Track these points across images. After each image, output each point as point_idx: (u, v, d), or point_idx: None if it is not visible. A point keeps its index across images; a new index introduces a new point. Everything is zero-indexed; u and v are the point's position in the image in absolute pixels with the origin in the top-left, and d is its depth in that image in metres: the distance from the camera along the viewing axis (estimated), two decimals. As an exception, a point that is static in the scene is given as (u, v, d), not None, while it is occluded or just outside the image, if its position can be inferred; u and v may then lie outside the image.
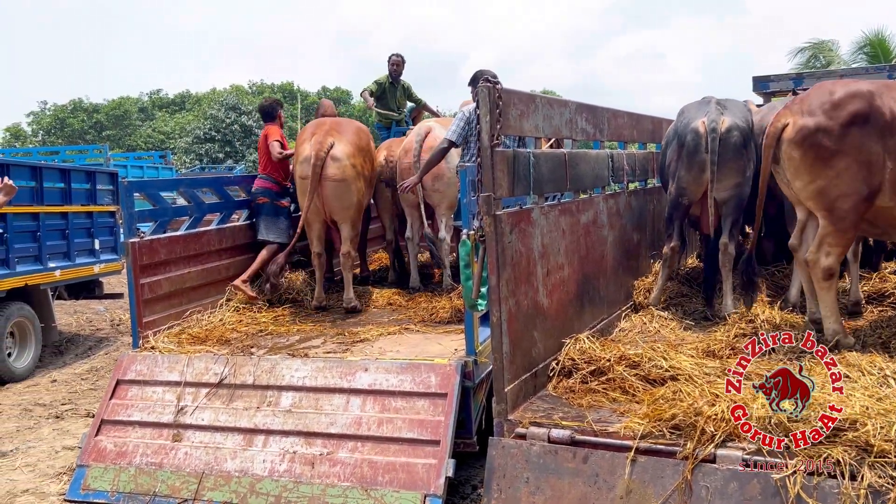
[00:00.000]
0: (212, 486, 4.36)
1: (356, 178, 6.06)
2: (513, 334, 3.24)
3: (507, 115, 3.20)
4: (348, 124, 6.43)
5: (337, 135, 6.03)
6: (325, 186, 5.90)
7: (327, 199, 5.96)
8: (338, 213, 6.09)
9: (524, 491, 2.97)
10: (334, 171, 5.94)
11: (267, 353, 5.05)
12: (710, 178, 4.78)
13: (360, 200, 6.18)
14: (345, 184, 5.97)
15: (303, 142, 6.02)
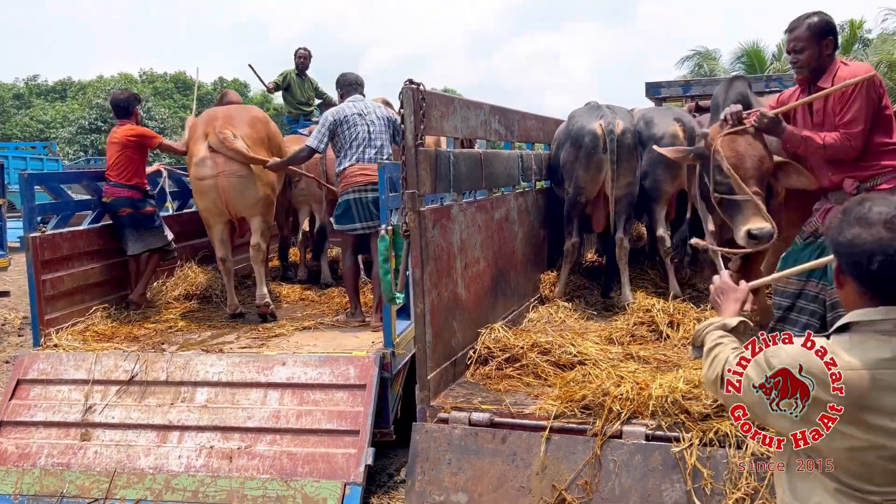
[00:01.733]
0: (124, 485, 4.28)
1: (258, 174, 5.60)
2: (435, 325, 3.41)
3: (429, 116, 3.36)
4: (242, 113, 5.92)
5: (232, 128, 5.53)
6: (227, 184, 5.45)
7: (230, 197, 5.49)
8: (244, 210, 5.64)
9: (447, 472, 3.15)
10: (234, 168, 5.47)
11: (179, 349, 4.99)
12: (609, 177, 5.13)
13: (268, 194, 5.71)
14: (248, 179, 5.52)
15: (196, 140, 5.54)
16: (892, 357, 1.60)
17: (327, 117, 5.32)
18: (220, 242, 5.69)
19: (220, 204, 5.50)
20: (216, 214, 5.63)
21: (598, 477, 2.96)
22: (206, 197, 5.53)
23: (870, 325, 1.65)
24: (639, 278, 5.64)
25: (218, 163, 5.42)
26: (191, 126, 5.85)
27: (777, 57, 25.88)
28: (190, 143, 5.65)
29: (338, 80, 5.62)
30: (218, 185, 5.42)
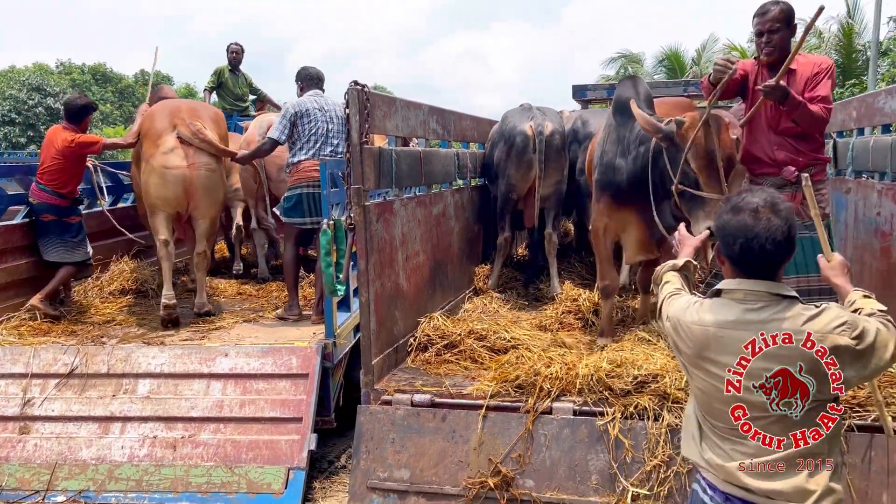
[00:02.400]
0: (66, 476, 4.30)
1: (223, 173, 5.64)
2: (378, 313, 3.60)
3: (373, 115, 3.56)
4: (204, 108, 5.89)
5: (200, 120, 5.48)
6: (196, 177, 5.34)
7: (196, 191, 5.37)
8: (203, 208, 5.49)
9: (390, 450, 3.35)
10: (205, 161, 5.40)
11: (120, 342, 5.02)
12: (538, 176, 5.44)
13: (224, 197, 5.76)
14: (216, 174, 5.50)
15: (162, 130, 5.38)
16: (734, 320, 1.94)
17: (288, 109, 5.34)
18: (165, 227, 5.45)
19: (182, 197, 5.36)
20: (170, 205, 5.42)
21: (531, 450, 3.23)
22: (170, 187, 5.33)
23: (729, 293, 2.00)
24: (566, 271, 5.98)
25: (188, 154, 5.33)
26: (148, 115, 5.64)
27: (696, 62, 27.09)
28: (150, 133, 5.42)
29: (298, 74, 5.63)
30: (187, 176, 5.31)
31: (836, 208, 5.20)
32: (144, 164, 5.41)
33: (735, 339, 1.92)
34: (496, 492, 3.16)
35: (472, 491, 3.18)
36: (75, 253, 5.68)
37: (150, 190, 5.41)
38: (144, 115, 5.75)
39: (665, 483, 3.08)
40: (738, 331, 1.93)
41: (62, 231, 5.60)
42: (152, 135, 5.44)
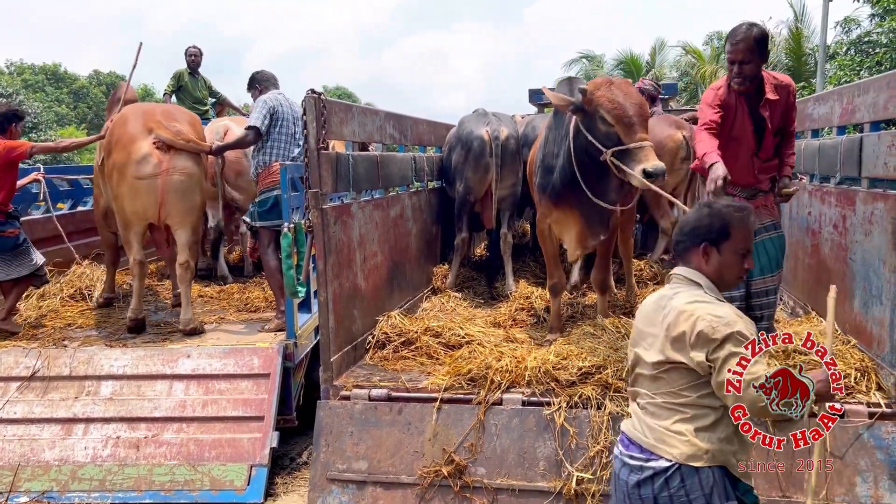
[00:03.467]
0: (29, 477, 4.36)
1: (202, 177, 5.34)
2: (337, 312, 3.75)
3: (330, 122, 3.71)
4: (180, 112, 5.61)
5: (177, 122, 5.27)
6: (169, 183, 5.06)
7: (170, 198, 5.09)
8: (177, 216, 5.20)
9: (349, 443, 3.50)
10: (181, 166, 5.13)
11: (81, 344, 5.07)
12: (494, 179, 5.64)
13: (202, 202, 5.40)
14: (193, 180, 5.20)
15: (135, 136, 5.11)
16: (658, 297, 2.28)
17: (266, 102, 5.23)
18: (138, 244, 5.25)
19: (154, 207, 5.09)
20: (142, 218, 5.20)
21: (483, 439, 3.41)
22: (141, 198, 5.09)
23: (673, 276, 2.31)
24: (521, 270, 6.18)
25: (163, 160, 5.06)
26: (118, 120, 5.35)
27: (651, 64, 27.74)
28: (122, 139, 5.16)
29: (253, 78, 5.59)
30: (159, 184, 5.05)
31: (772, 208, 5.50)
32: (117, 174, 5.13)
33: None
34: (450, 479, 3.33)
35: (426, 479, 3.35)
36: (21, 267, 5.46)
37: (124, 205, 5.18)
38: (115, 121, 5.45)
39: (607, 467, 3.28)
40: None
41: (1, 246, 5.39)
42: (124, 140, 5.15)
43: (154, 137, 5.11)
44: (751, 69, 3.62)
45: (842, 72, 18.33)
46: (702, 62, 26.32)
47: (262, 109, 5.20)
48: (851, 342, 3.65)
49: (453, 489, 3.32)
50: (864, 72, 17.18)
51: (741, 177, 3.80)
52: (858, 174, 3.69)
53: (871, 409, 3.17)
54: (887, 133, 3.34)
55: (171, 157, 5.12)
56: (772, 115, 3.73)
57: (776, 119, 3.76)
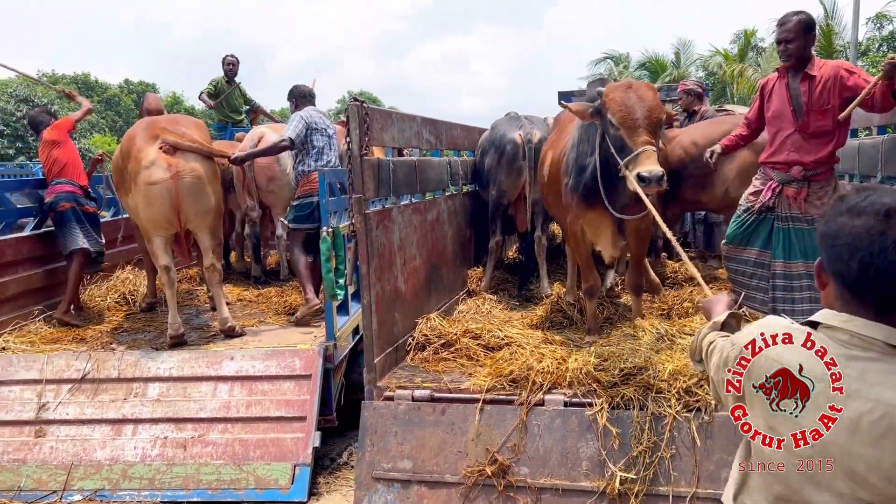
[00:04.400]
0: (81, 476, 4.51)
1: (213, 178, 5.42)
2: (380, 314, 3.83)
3: (372, 129, 3.79)
4: (186, 121, 5.76)
5: (182, 127, 5.43)
6: (182, 186, 5.17)
7: (185, 202, 5.19)
8: (197, 218, 5.31)
9: (393, 442, 3.58)
10: (190, 168, 5.21)
11: (128, 348, 5.22)
12: (527, 182, 5.69)
13: (219, 202, 5.50)
14: (201, 182, 5.27)
15: (142, 145, 5.22)
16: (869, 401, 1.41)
17: (302, 117, 5.68)
18: (164, 251, 5.31)
19: (171, 212, 5.17)
20: (163, 224, 5.27)
21: (525, 439, 3.46)
22: (156, 204, 5.16)
23: (829, 329, 1.49)
24: (555, 272, 6.22)
25: (172, 163, 5.15)
26: (126, 136, 5.52)
27: (676, 65, 27.54)
28: (132, 151, 5.28)
29: (291, 92, 5.98)
30: (172, 188, 5.13)
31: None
32: (132, 184, 5.24)
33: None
34: (493, 479, 3.39)
35: (470, 479, 3.41)
36: (98, 241, 6.00)
37: (140, 213, 5.27)
38: (124, 138, 5.63)
39: (651, 467, 3.32)
40: None
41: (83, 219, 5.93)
42: (133, 151, 5.28)
43: (160, 142, 5.22)
44: (795, 48, 4.16)
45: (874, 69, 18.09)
46: (729, 61, 26.10)
47: (298, 124, 5.61)
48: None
49: (497, 488, 3.38)
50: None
51: (780, 155, 4.22)
52: (901, 174, 3.69)
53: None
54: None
55: (180, 160, 5.21)
56: (810, 90, 4.11)
57: (818, 95, 4.09)
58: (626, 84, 3.99)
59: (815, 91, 4.12)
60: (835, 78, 4.09)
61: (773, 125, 4.35)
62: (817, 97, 4.12)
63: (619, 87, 3.95)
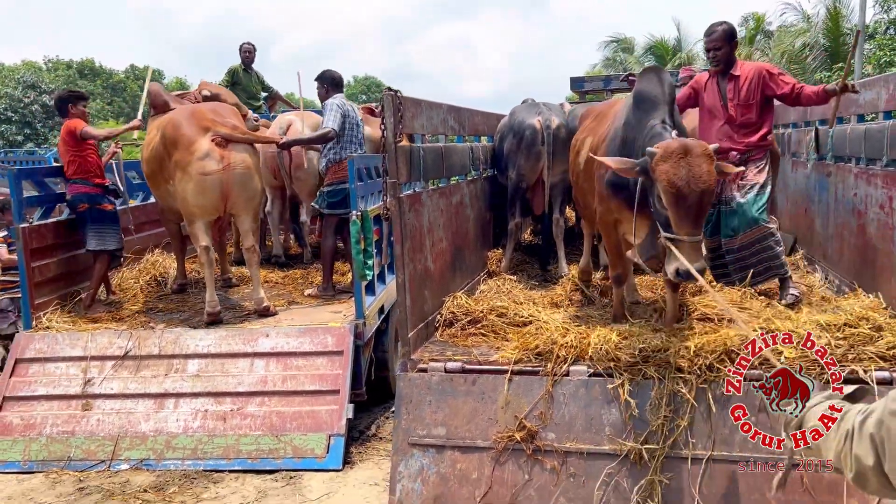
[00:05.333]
0: (128, 447, 4.78)
1: (258, 167, 5.76)
2: (412, 292, 4.06)
3: (405, 117, 4.01)
4: (226, 110, 5.96)
5: (228, 118, 5.71)
6: (233, 178, 5.43)
7: (234, 191, 5.46)
8: (243, 205, 5.60)
9: (428, 411, 3.82)
10: (240, 159, 5.49)
11: (167, 326, 5.47)
12: (546, 166, 5.91)
13: (263, 190, 5.86)
14: (250, 173, 5.57)
15: (193, 135, 5.42)
16: None
17: (338, 106, 5.95)
18: (205, 233, 5.56)
19: (220, 200, 5.45)
20: (210, 211, 5.55)
21: (552, 407, 3.70)
22: (207, 194, 5.41)
23: None
24: (572, 253, 6.44)
25: (224, 156, 5.40)
26: (169, 124, 5.63)
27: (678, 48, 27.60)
28: (180, 141, 5.45)
29: (323, 76, 6.22)
30: (223, 179, 5.39)
31: (817, 191, 5.69)
32: (180, 173, 5.43)
33: None
34: (522, 444, 3.63)
35: (501, 444, 3.65)
36: (111, 240, 5.98)
37: (189, 199, 5.46)
38: (166, 124, 5.69)
39: (670, 434, 3.55)
40: None
41: (100, 219, 5.93)
42: (183, 142, 5.44)
43: (212, 135, 5.43)
44: (723, 54, 4.83)
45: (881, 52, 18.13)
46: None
47: (336, 113, 5.86)
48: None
49: (526, 452, 3.62)
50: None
51: (711, 138, 4.64)
52: (905, 157, 3.89)
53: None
54: (933, 119, 3.55)
55: (231, 152, 5.47)
56: (735, 88, 4.80)
57: (743, 93, 4.78)
58: (679, 151, 3.44)
59: (740, 89, 4.80)
60: (758, 78, 4.79)
61: (708, 118, 4.97)
62: (743, 94, 4.80)
63: (673, 155, 3.44)
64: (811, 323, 3.91)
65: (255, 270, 5.81)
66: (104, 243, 5.93)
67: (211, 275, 5.64)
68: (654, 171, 3.51)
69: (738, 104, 4.82)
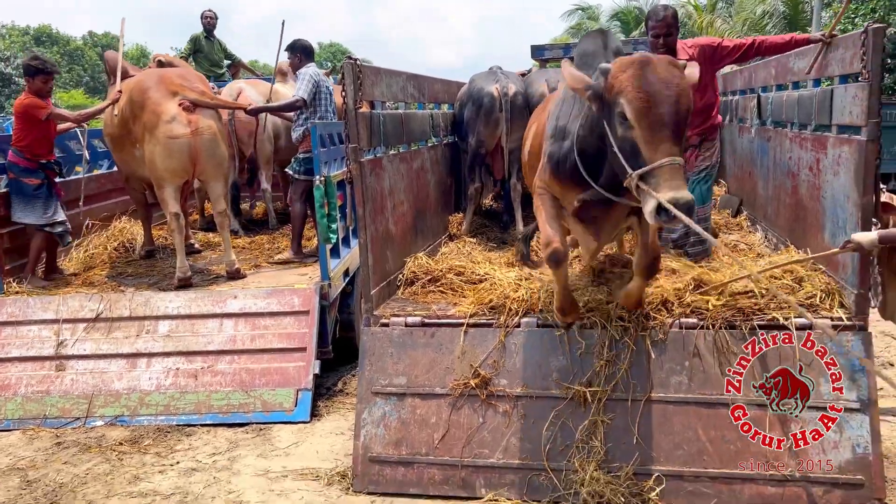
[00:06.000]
0: (102, 405, 4.97)
1: (224, 133, 5.92)
2: (374, 252, 4.29)
3: (364, 84, 4.20)
4: (193, 75, 6.13)
5: (196, 84, 5.84)
6: (200, 142, 5.58)
7: (202, 156, 5.63)
8: (211, 172, 5.78)
9: (389, 362, 4.08)
10: (207, 125, 5.65)
11: (137, 289, 5.63)
12: (504, 132, 6.14)
13: (229, 155, 6.02)
14: (219, 137, 5.75)
15: (160, 99, 5.56)
16: None
17: (311, 76, 6.05)
18: (174, 199, 5.68)
19: (188, 164, 5.60)
20: (179, 175, 5.68)
21: (504, 356, 3.98)
22: (175, 157, 5.54)
23: None
24: (530, 217, 6.70)
25: (192, 120, 5.52)
26: (136, 88, 5.71)
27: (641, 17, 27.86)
28: (147, 104, 5.54)
29: (295, 46, 6.36)
30: (191, 143, 5.53)
31: (759, 154, 6.02)
32: (148, 135, 5.55)
33: None
34: (477, 390, 3.92)
35: (457, 390, 3.93)
36: (31, 214, 5.81)
37: (157, 162, 5.58)
38: (133, 88, 5.78)
39: (611, 378, 3.86)
40: None
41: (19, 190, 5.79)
42: (150, 105, 5.57)
43: (180, 99, 5.57)
44: (671, 40, 4.73)
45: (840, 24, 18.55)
46: (699, 12, 26.43)
47: (309, 83, 6.00)
48: (821, 269, 4.20)
49: (480, 397, 3.91)
50: (859, 19, 17.44)
51: None
52: (830, 122, 4.19)
53: (835, 323, 3.73)
54: (852, 86, 3.84)
55: (198, 117, 5.64)
56: None
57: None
58: (642, 60, 2.91)
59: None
60: (702, 56, 4.74)
61: None
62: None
63: (634, 63, 2.90)
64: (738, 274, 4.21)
65: (226, 234, 6.02)
66: (25, 217, 5.82)
67: (181, 241, 5.83)
68: (611, 88, 2.91)
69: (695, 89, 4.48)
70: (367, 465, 3.92)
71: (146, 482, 4.00)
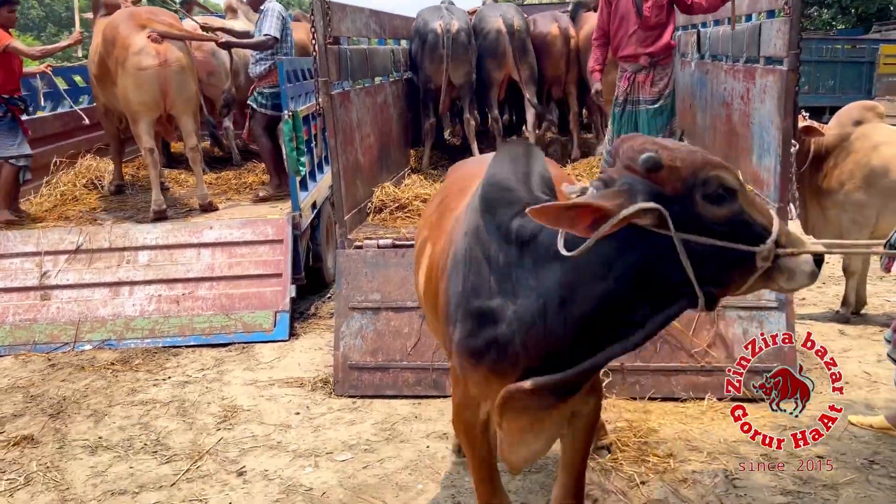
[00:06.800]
0: (89, 330, 5.24)
1: (193, 67, 6.03)
2: (346, 180, 4.62)
3: (332, 20, 4.46)
4: (162, 13, 6.26)
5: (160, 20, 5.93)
6: (170, 74, 5.70)
7: (171, 88, 5.73)
8: (181, 106, 5.88)
9: (364, 280, 4.47)
10: (176, 57, 5.75)
11: (114, 222, 5.86)
12: (447, 69, 6.41)
13: (199, 90, 6.17)
14: (188, 70, 5.88)
15: (129, 33, 5.69)
16: None
17: (279, 13, 6.09)
18: (148, 133, 5.83)
19: (159, 96, 5.73)
20: (151, 108, 5.79)
21: (468, 272, 4.42)
22: (145, 89, 5.67)
23: None
24: (488, 149, 7.08)
25: (160, 52, 5.65)
26: (108, 25, 5.87)
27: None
28: (117, 39, 5.68)
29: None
30: (160, 75, 5.66)
31: (699, 87, 6.48)
32: (119, 69, 5.72)
33: None
34: (445, 302, 4.35)
35: (427, 303, 4.36)
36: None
37: (129, 95, 5.74)
38: (105, 26, 5.95)
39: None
40: None
41: None
42: (120, 40, 5.75)
43: (149, 31, 5.71)
44: None
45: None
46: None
47: (276, 20, 6.04)
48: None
49: (448, 309, 4.35)
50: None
51: (628, 50, 5.08)
52: (758, 54, 4.64)
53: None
54: (776, 20, 4.27)
55: (167, 50, 5.77)
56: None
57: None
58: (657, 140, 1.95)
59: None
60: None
61: (621, 26, 5.11)
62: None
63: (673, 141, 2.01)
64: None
65: (198, 168, 6.22)
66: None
67: (156, 175, 6.02)
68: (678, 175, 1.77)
69: (653, 4, 4.92)
70: (347, 372, 4.34)
71: (143, 393, 4.36)
